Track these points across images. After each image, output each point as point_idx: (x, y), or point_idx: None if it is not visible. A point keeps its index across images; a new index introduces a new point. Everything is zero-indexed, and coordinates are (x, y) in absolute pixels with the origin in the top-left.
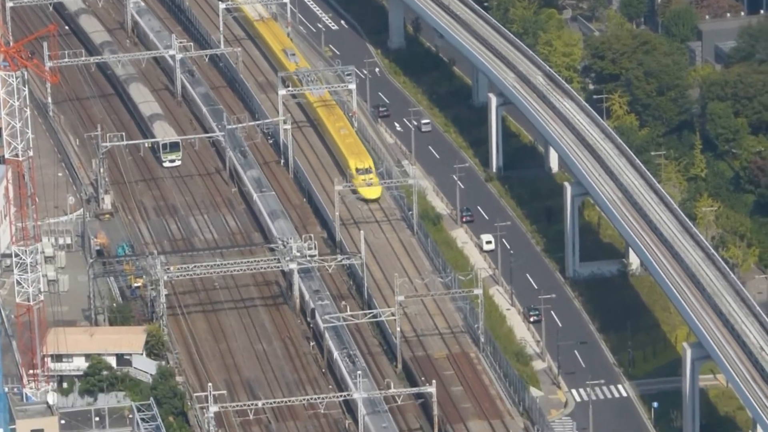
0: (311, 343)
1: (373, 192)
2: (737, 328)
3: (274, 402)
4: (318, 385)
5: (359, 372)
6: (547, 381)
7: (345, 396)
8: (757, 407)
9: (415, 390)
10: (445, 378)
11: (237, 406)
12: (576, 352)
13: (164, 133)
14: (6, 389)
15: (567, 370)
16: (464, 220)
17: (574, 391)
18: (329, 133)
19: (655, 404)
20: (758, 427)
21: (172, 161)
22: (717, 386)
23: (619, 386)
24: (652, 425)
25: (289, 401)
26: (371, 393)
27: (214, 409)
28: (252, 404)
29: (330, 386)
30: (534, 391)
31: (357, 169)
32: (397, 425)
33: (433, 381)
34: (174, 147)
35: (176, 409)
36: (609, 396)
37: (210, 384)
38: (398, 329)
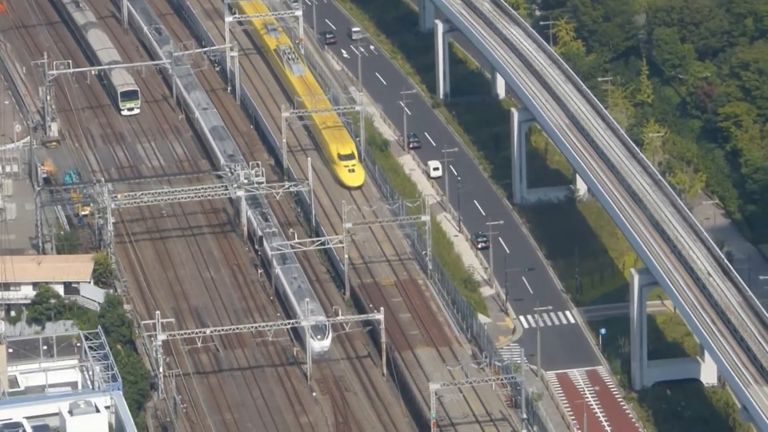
0: (259, 271)
1: (356, 179)
2: (684, 254)
3: (222, 330)
4: (266, 312)
5: (307, 300)
6: (495, 307)
7: (293, 323)
8: (704, 333)
9: (363, 317)
10: (393, 305)
11: (185, 334)
12: (524, 278)
13: (123, 80)
14: None
15: (515, 297)
16: (411, 146)
17: (522, 318)
18: (314, 123)
19: (603, 330)
20: (705, 352)
21: (130, 110)
22: (664, 312)
23: (567, 313)
24: (600, 351)
25: (237, 329)
26: (319, 320)
27: (162, 337)
28: (200, 332)
29: (278, 314)
30: (482, 318)
31: (339, 155)
32: (345, 352)
33: (381, 308)
34: (132, 95)
35: (124, 338)
36: (557, 322)
37: (158, 312)
38: (346, 256)
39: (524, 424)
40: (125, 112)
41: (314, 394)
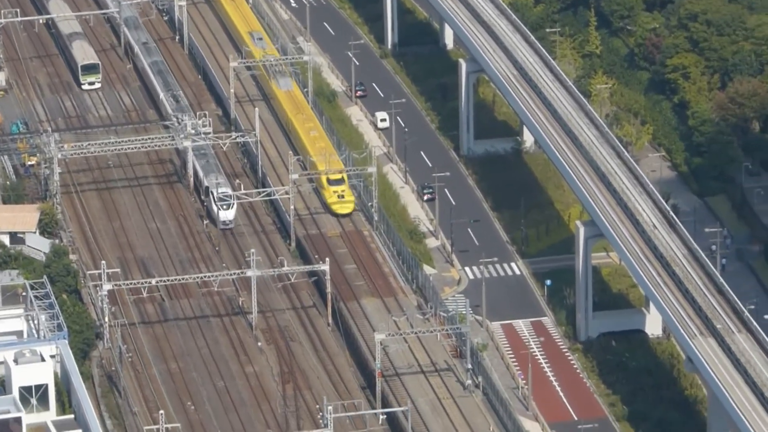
0: (205, 222)
1: (345, 206)
2: (630, 207)
3: (168, 280)
4: (212, 263)
5: (252, 250)
6: (440, 259)
7: (238, 274)
8: (649, 285)
9: (308, 268)
10: (339, 256)
11: (130, 284)
12: (469, 230)
13: (84, 53)
14: None
15: (460, 248)
16: (357, 95)
17: (467, 269)
18: (297, 133)
19: (548, 282)
20: (650, 304)
21: (91, 83)
22: (610, 264)
23: (513, 264)
24: (545, 303)
25: (183, 279)
26: (264, 271)
27: (107, 287)
28: (145, 282)
29: (223, 264)
30: (427, 269)
31: (328, 180)
32: (291, 302)
33: (327, 259)
34: (93, 69)
35: (70, 287)
36: (502, 274)
37: (103, 262)
38: (292, 207)
39: (469, 375)
40: (86, 86)
41: (259, 343)
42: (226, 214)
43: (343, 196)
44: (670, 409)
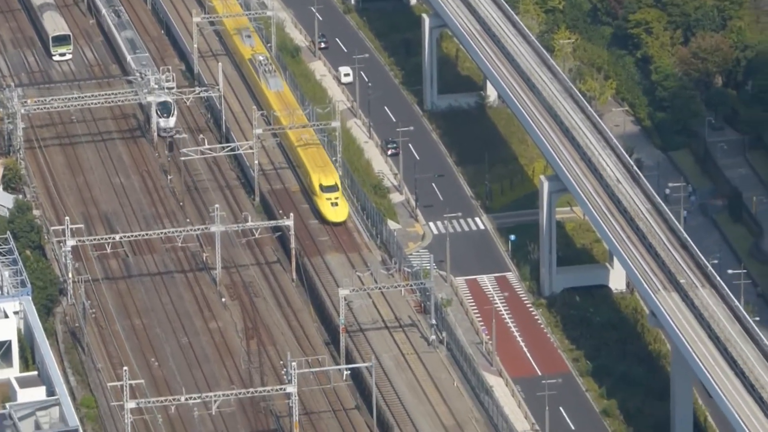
0: (169, 177)
1: (339, 214)
2: (594, 161)
3: (132, 236)
4: (175, 218)
5: (216, 206)
6: (404, 214)
7: (202, 229)
8: (613, 239)
9: (272, 223)
10: (303, 211)
11: (94, 239)
12: (433, 184)
13: (54, 25)
14: None
15: (424, 203)
16: (320, 47)
17: (431, 224)
18: (289, 139)
19: (512, 237)
20: (614, 259)
21: (62, 54)
22: (574, 219)
23: (477, 219)
24: (509, 258)
25: (147, 235)
26: (228, 226)
27: (71, 242)
28: (109, 238)
29: (187, 219)
30: (391, 224)
31: (321, 186)
32: (255, 258)
33: (291, 214)
34: (64, 40)
35: (33, 243)
36: (466, 229)
37: (67, 218)
38: (256, 162)
39: (433, 330)
40: (57, 57)
41: (223, 299)
42: (166, 122)
43: (336, 204)
44: (634, 363)
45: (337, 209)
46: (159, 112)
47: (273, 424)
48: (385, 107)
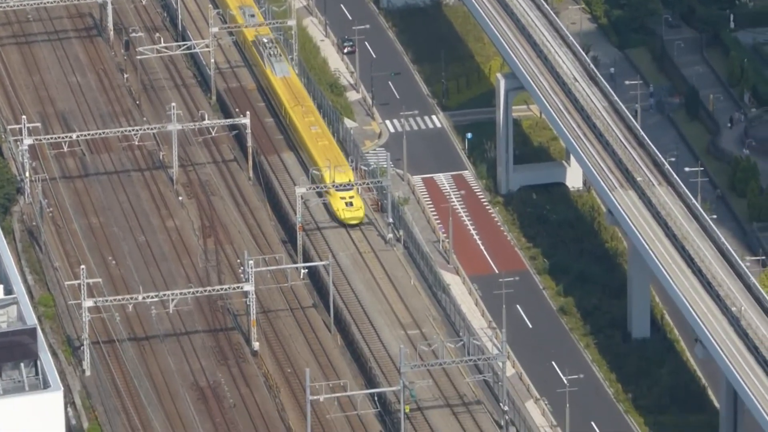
0: (125, 76)
1: (354, 214)
2: (550, 59)
3: (89, 134)
4: (132, 117)
5: (173, 104)
6: (361, 112)
7: (159, 128)
8: (570, 137)
9: (229, 122)
10: (259, 109)
11: (51, 138)
12: (390, 83)
13: None
14: None
15: (381, 101)
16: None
17: (388, 122)
18: (296, 129)
19: (469, 135)
20: (571, 156)
21: None
22: (530, 117)
23: (433, 117)
24: (466, 156)
25: (104, 133)
26: (185, 125)
27: (28, 141)
28: (66, 136)
29: (144, 118)
30: (348, 122)
31: (336, 186)
32: (211, 156)
33: (247, 112)
34: None
35: None
36: (423, 127)
37: (24, 116)
38: (212, 61)
39: (390, 228)
40: None
41: (180, 198)
42: None
43: (352, 203)
44: (591, 261)
45: (352, 209)
46: None
47: (230, 322)
48: (341, 5)
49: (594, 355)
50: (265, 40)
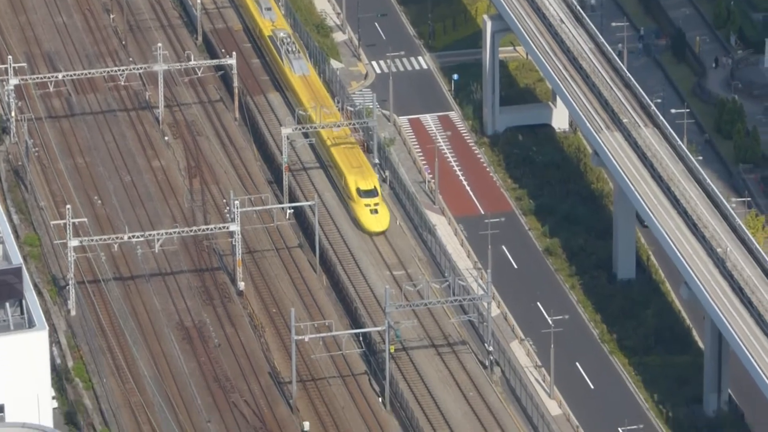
0: (111, 16)
1: (379, 222)
2: (537, 1)
3: (75, 74)
4: (118, 57)
5: (159, 44)
6: (347, 53)
7: (145, 68)
8: (556, 79)
9: (215, 62)
10: (245, 50)
11: (37, 78)
12: (376, 24)
13: None
14: None
15: (367, 42)
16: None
17: (374, 63)
18: (318, 132)
19: (455, 76)
20: (557, 98)
21: None
22: (517, 58)
23: (420, 58)
24: (452, 97)
25: (90, 73)
26: (171, 65)
27: (14, 81)
28: (52, 76)
29: (130, 58)
30: (334, 63)
31: (359, 191)
32: (197, 96)
33: (233, 53)
34: None
35: None
36: (409, 68)
37: (10, 57)
38: (198, 1)
39: (377, 169)
40: None
41: (166, 138)
42: None
43: (377, 211)
44: (577, 202)
45: (377, 217)
46: None
47: (216, 262)
48: None
49: (579, 296)
50: (282, 35)
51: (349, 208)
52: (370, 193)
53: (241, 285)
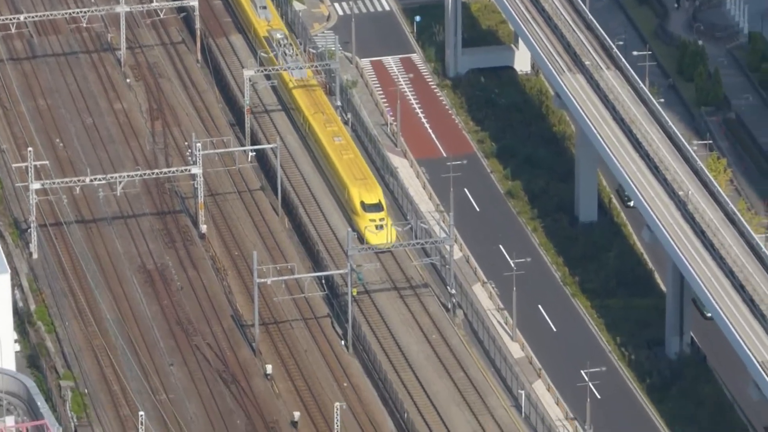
0: None
1: (384, 240)
2: None
3: (36, 16)
4: None
5: None
6: None
7: (107, 9)
8: (518, 21)
9: (177, 3)
10: None
11: None
12: None
13: None
14: None
15: None
16: None
17: (336, 5)
18: (319, 141)
19: (418, 18)
20: (519, 40)
21: None
22: (479, 0)
23: (382, 0)
24: (414, 39)
25: (51, 15)
26: (133, 6)
27: None
28: (13, 18)
29: (92, 0)
30: (297, 5)
31: (363, 205)
32: (159, 39)
33: None
34: None
35: None
36: (371, 9)
37: None
38: None
39: (338, 111)
40: None
41: (128, 80)
42: None
43: (382, 227)
44: (539, 145)
45: (382, 233)
46: None
47: (178, 205)
48: None
49: (541, 239)
50: (279, 36)
51: (352, 222)
52: (375, 207)
53: (203, 228)
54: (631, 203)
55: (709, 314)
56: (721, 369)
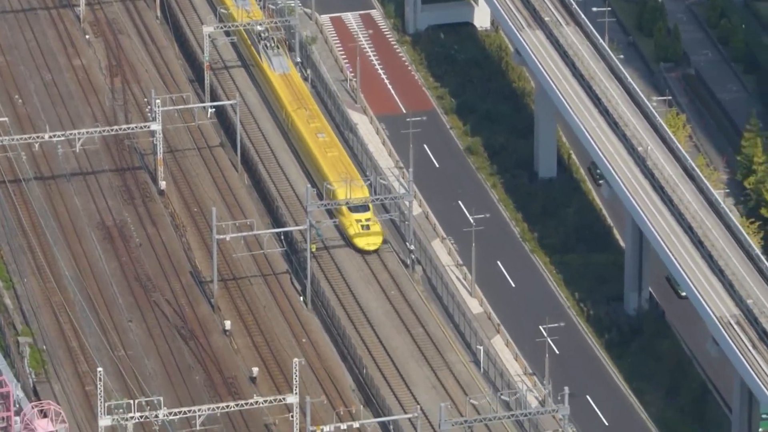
0: None
1: (371, 242)
2: None
3: None
4: None
5: None
6: None
7: None
8: None
9: None
10: None
11: None
12: None
13: None
14: None
15: None
16: None
17: None
18: (302, 137)
19: None
20: None
21: None
22: None
23: None
24: None
25: None
26: None
27: None
28: None
29: None
30: None
31: (350, 207)
32: None
33: None
34: None
35: None
36: None
37: None
38: None
39: (298, 68)
40: None
41: (87, 36)
42: None
43: (368, 227)
44: (498, 101)
45: (369, 234)
46: None
47: (137, 161)
48: None
49: (500, 195)
50: (260, 29)
51: (338, 222)
52: (361, 208)
53: (163, 184)
54: (602, 182)
55: (683, 293)
56: (679, 325)
